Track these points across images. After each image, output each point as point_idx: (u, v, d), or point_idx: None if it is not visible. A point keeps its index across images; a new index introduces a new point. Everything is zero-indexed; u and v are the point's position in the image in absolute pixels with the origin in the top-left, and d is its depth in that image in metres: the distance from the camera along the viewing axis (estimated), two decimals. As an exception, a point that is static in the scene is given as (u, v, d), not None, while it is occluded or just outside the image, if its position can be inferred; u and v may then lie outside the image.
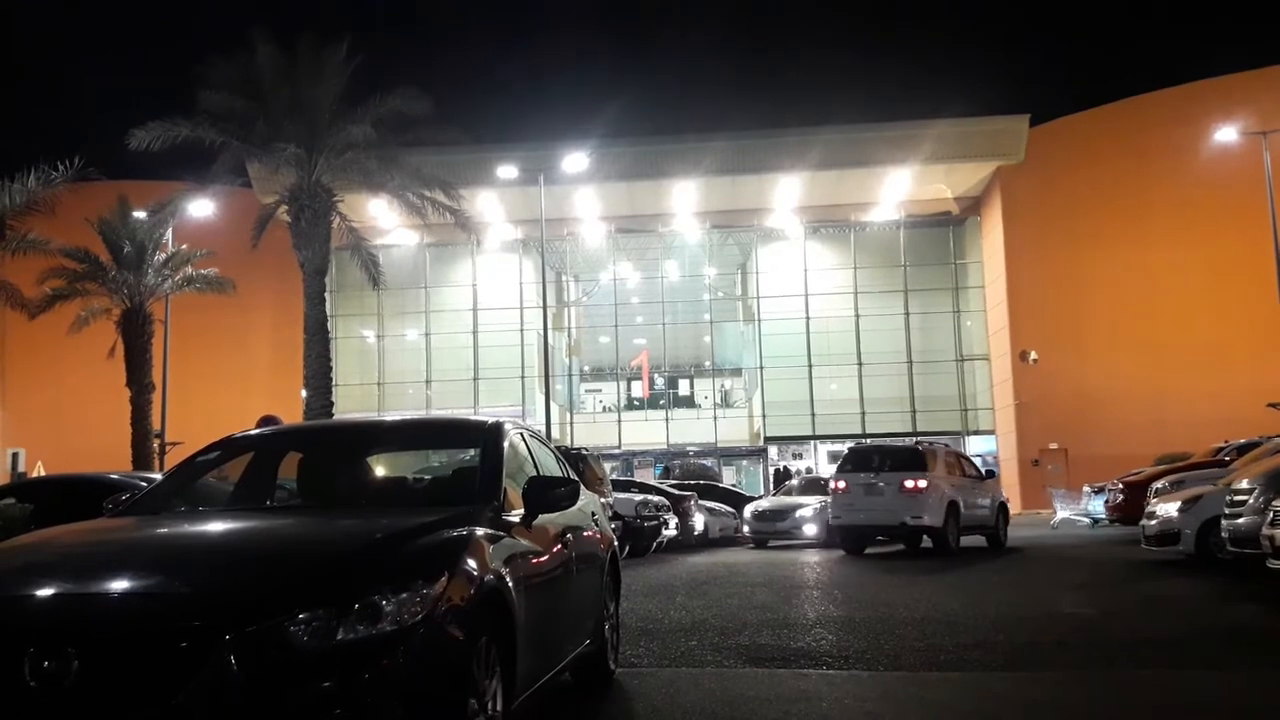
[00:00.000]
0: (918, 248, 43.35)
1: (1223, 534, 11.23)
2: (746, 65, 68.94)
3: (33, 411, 41.28)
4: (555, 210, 37.24)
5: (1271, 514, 9.53)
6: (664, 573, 14.22)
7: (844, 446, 43.90)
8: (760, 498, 22.20)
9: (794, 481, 23.18)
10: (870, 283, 43.20)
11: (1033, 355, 39.22)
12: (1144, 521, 12.40)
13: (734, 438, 43.94)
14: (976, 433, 42.39)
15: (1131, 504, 17.05)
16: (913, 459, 16.27)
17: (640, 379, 47.29)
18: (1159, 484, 15.96)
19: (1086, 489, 23.48)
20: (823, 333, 42.91)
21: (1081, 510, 23.59)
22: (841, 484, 16.41)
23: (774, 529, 19.13)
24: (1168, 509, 12.67)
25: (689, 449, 43.62)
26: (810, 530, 18.64)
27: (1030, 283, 39.62)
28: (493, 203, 41.30)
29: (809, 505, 19.01)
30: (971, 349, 43.36)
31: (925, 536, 16.16)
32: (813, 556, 16.38)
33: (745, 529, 19.70)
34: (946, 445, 17.51)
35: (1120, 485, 18.38)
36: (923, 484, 15.82)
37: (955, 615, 8.61)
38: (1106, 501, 18.95)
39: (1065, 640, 7.25)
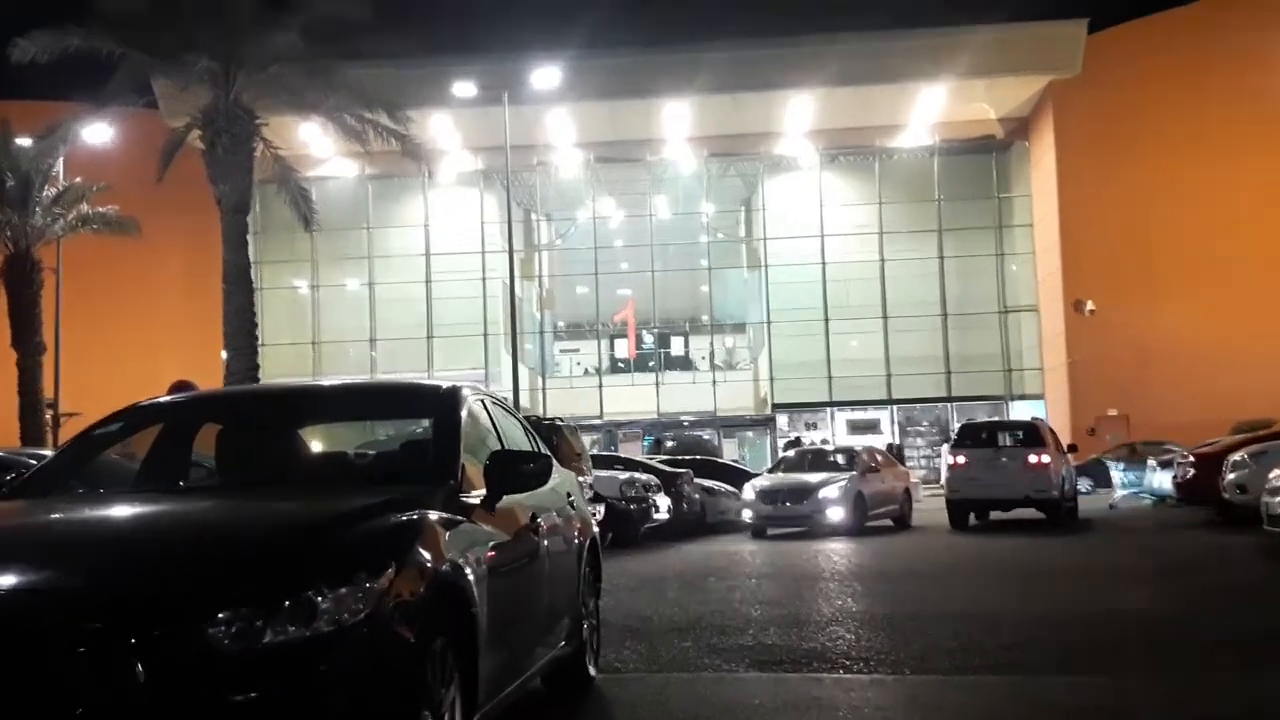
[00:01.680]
0: (954, 179, 43.31)
1: None
2: (751, -40, 68.30)
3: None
4: (523, 135, 36.95)
5: None
6: (654, 563, 14.30)
7: (867, 414, 44.93)
8: (761, 474, 22.25)
9: (791, 454, 23.23)
10: (898, 221, 43.20)
11: (1089, 306, 39.38)
12: (1266, 499, 12.34)
13: (736, 405, 44.13)
14: (1022, 397, 42.66)
15: (1204, 480, 17.19)
16: (1032, 434, 19.78)
17: (625, 336, 47.33)
18: (1236, 456, 16.11)
19: (1151, 462, 23.68)
20: (841, 280, 42.97)
21: (1145, 487, 23.84)
22: (961, 459, 19.63)
23: (787, 512, 19.19)
24: None
25: (683, 419, 43.79)
26: (836, 515, 18.72)
27: (1087, 220, 39.66)
28: (448, 126, 41.01)
29: (836, 482, 19.08)
30: (1017, 299, 43.52)
31: (1039, 508, 19.16)
32: (830, 544, 16.54)
33: (746, 513, 19.79)
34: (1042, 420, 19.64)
35: (1190, 458, 18.53)
36: (1045, 459, 19.00)
37: (997, 610, 8.71)
38: (1175, 477, 19.09)
39: (1126, 639, 7.34)
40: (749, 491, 19.78)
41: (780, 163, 44.26)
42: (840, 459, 21.45)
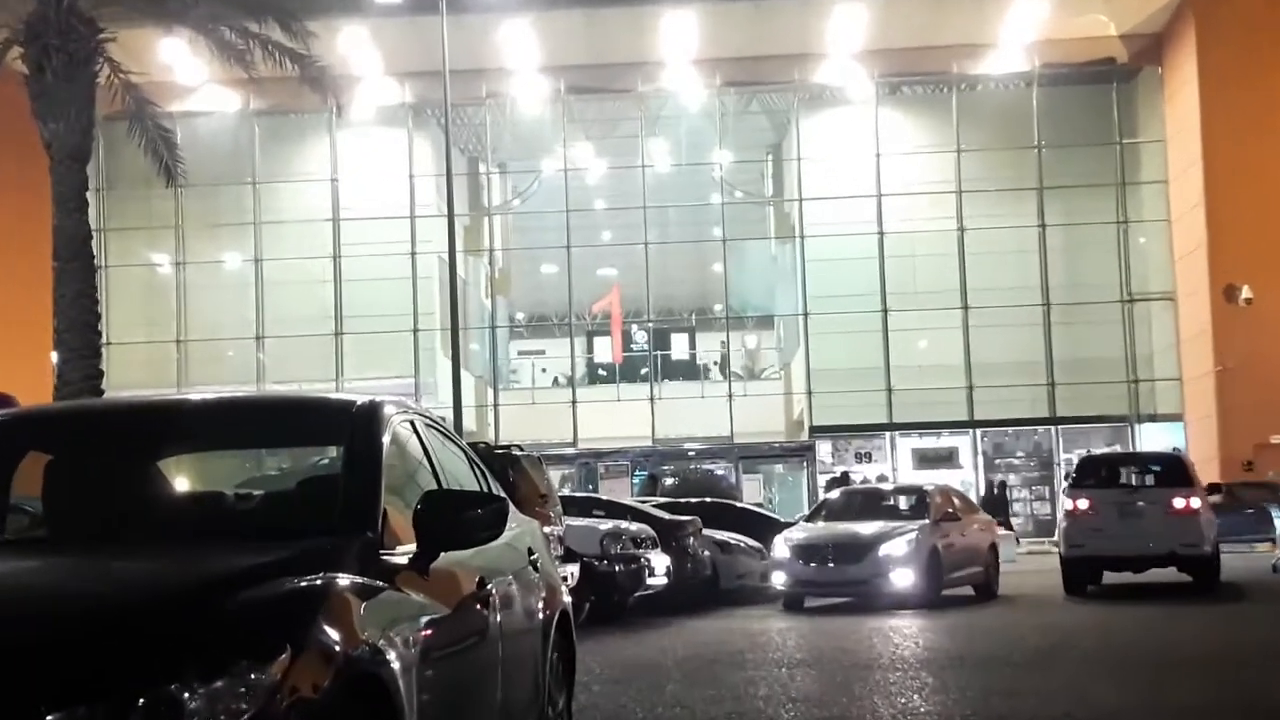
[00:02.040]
0: (1060, 118, 43.36)
1: None
2: None
3: None
4: (468, 57, 36.81)
5: None
6: (647, 646, 14.27)
7: (940, 441, 44.86)
8: (796, 523, 22.25)
9: (836, 496, 23.23)
10: (983, 176, 43.24)
11: (1245, 293, 39.36)
12: None
13: (761, 428, 44.13)
14: (1152, 418, 42.75)
15: None
16: (1176, 470, 20.53)
17: (608, 334, 47.29)
18: None
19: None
20: (905, 257, 42.99)
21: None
22: (1084, 503, 20.05)
23: (832, 576, 19.17)
24: None
25: (688, 447, 43.77)
26: (903, 580, 18.68)
27: (1243, 175, 39.66)
28: (364, 44, 40.97)
29: (902, 535, 19.08)
30: (1146, 283, 43.59)
31: (1185, 569, 19.78)
32: (891, 619, 16.55)
33: (776, 577, 19.77)
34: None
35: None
36: (1195, 503, 19.54)
37: (1115, 712, 8.69)
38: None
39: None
40: (780, 547, 19.79)
41: (822, 95, 44.23)
42: (903, 503, 21.42)
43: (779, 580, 19.63)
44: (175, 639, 3.43)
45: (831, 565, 19.11)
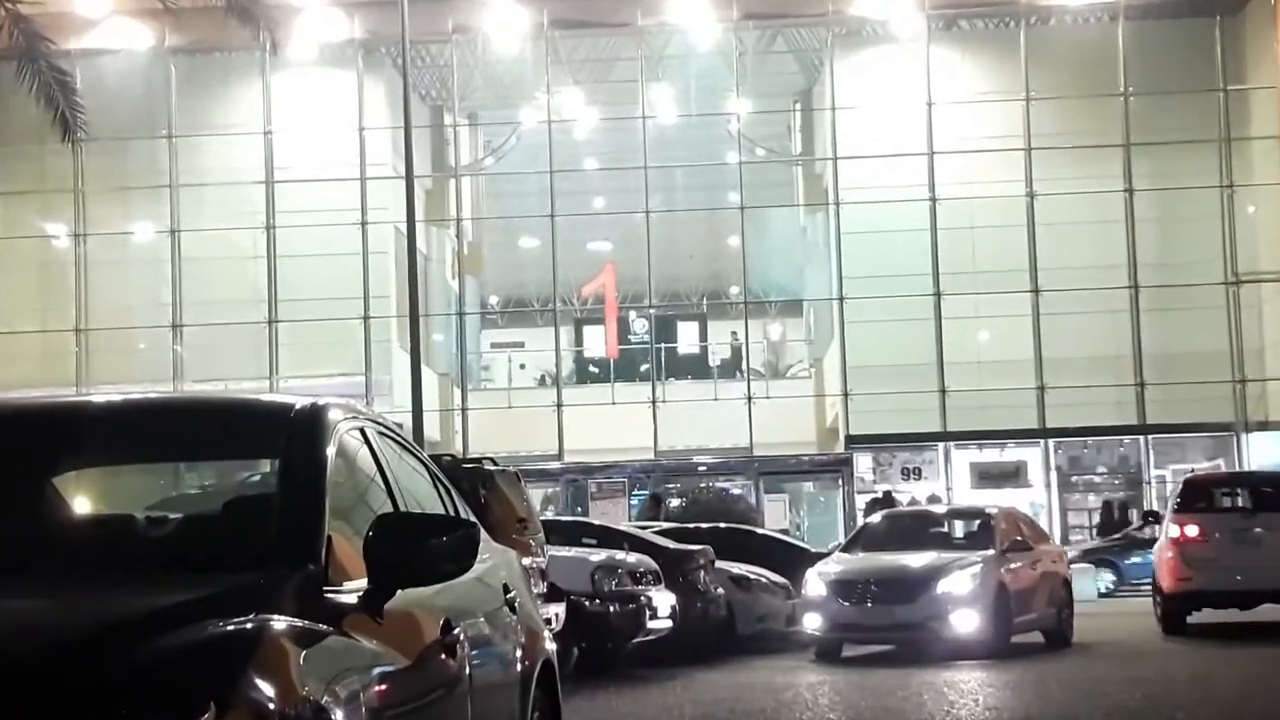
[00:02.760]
0: (1152, 61, 43.33)
1: None
2: None
3: None
4: (430, -17, 36.93)
5: None
6: (648, 704, 14.27)
7: (1004, 455, 44.75)
8: (831, 553, 22.25)
9: (878, 520, 23.26)
10: (1056, 129, 43.24)
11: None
12: None
13: (787, 437, 44.16)
14: (1264, 426, 42.69)
15: None
16: None
17: (601, 322, 47.26)
18: None
19: None
20: (962, 229, 43.00)
21: None
22: (1193, 529, 20.90)
23: (877, 619, 19.16)
24: None
25: (697, 460, 43.80)
26: (965, 624, 18.66)
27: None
28: (305, -32, 41.00)
29: (963, 569, 19.07)
30: (1255, 261, 43.56)
31: None
32: (948, 671, 16.51)
33: (808, 620, 19.75)
34: None
35: None
36: None
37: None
38: None
39: None
40: (813, 583, 19.79)
41: (861, 30, 44.26)
42: (960, 529, 21.43)
43: (810, 624, 19.61)
44: (76, 694, 3.42)
45: (875, 605, 19.10)
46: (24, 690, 3.44)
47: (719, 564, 20.87)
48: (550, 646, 6.64)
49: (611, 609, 17.49)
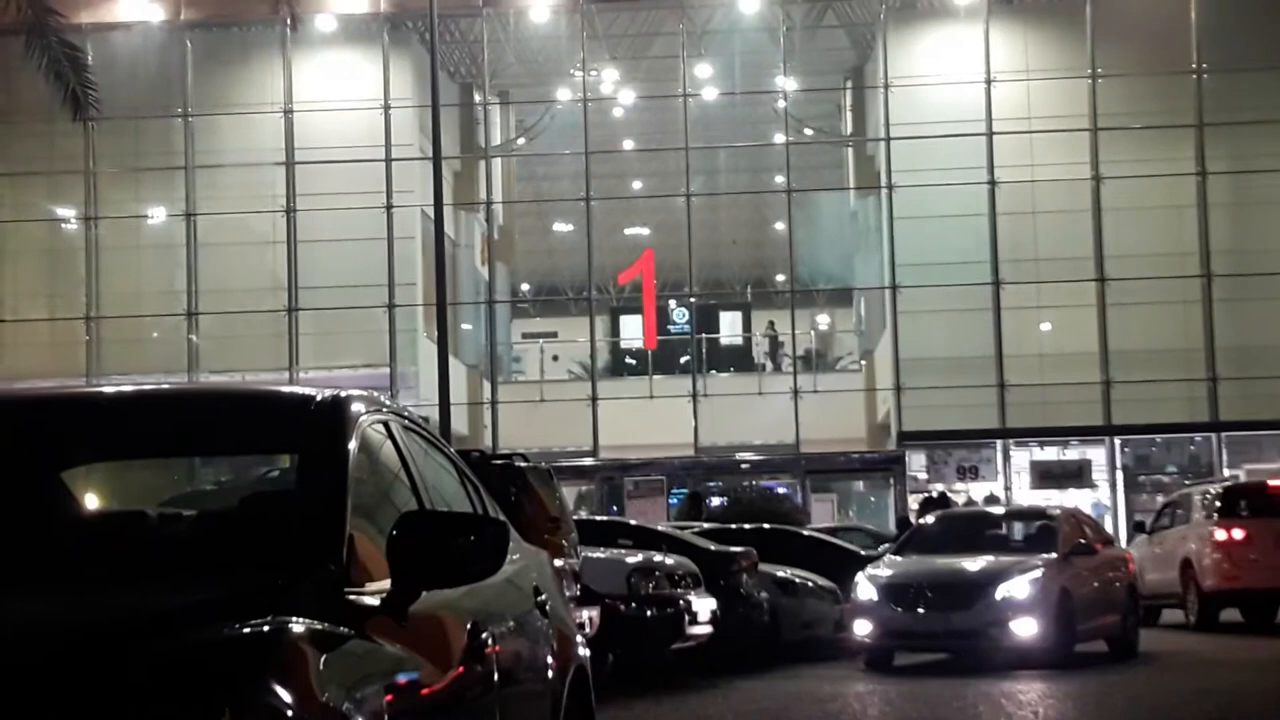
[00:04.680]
0: (1227, 35, 43.10)
1: None
2: None
3: None
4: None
5: None
6: (687, 713, 14.26)
7: (1067, 453, 44.50)
8: (882, 556, 22.23)
9: (932, 522, 23.25)
10: (1125, 108, 43.12)
11: None
12: None
13: (835, 434, 44.14)
14: (1346, 427, 42.53)
15: None
16: None
17: (639, 312, 47.27)
18: None
19: None
20: (1023, 214, 42.89)
21: None
22: (1239, 532, 22.61)
23: (931, 625, 19.13)
24: None
25: (740, 457, 43.81)
26: (1026, 630, 18.64)
27: None
28: (327, -63, 41.13)
29: (1024, 573, 19.04)
30: (1339, 247, 43.35)
31: None
32: (1007, 682, 16.51)
33: (858, 626, 19.73)
34: None
35: None
36: None
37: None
38: None
39: None
40: (863, 587, 19.75)
41: (916, 3, 44.32)
42: (1019, 531, 21.37)
43: (860, 630, 19.55)
44: (81, 701, 3.44)
45: (929, 611, 19.03)
46: (32, 694, 3.47)
47: (762, 567, 20.88)
48: (583, 653, 6.63)
49: (648, 613, 17.46)
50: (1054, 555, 19.60)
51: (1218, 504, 25.40)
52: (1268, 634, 23.48)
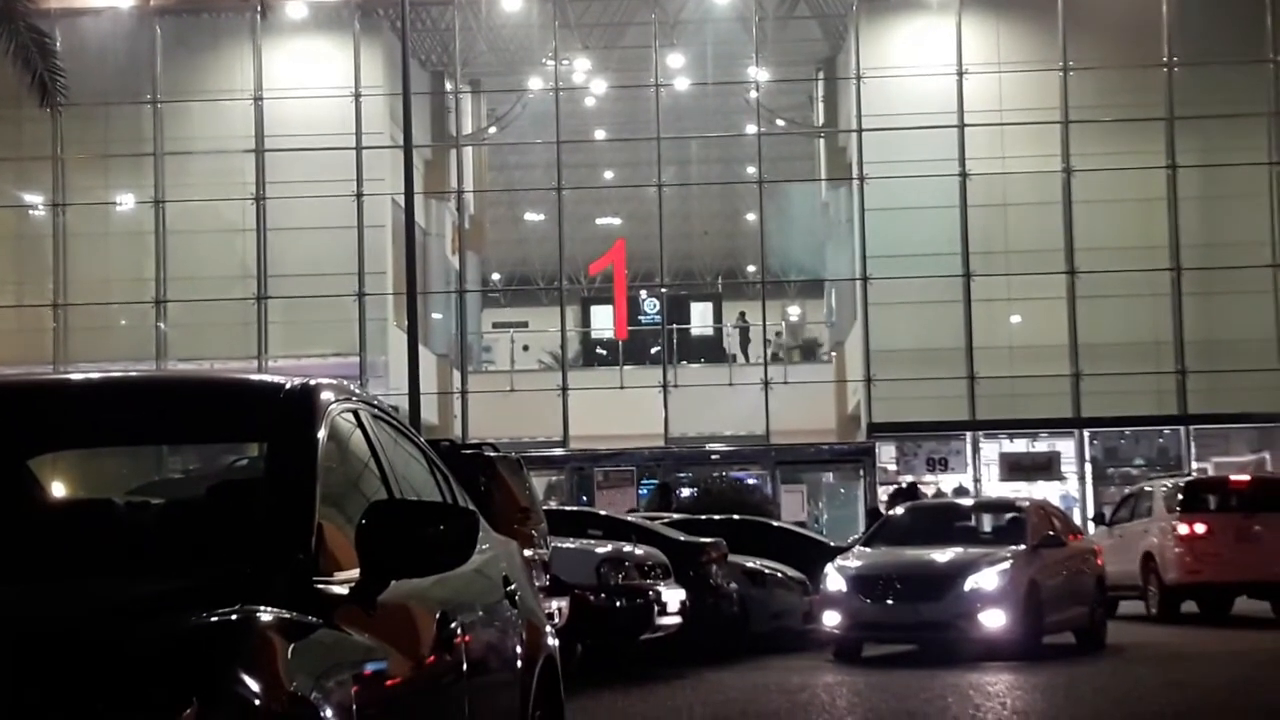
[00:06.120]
0: (1197, 29, 43.10)
1: None
2: None
3: None
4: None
5: None
6: (655, 704, 14.27)
7: (1036, 445, 44.55)
8: (851, 547, 22.26)
9: (902, 513, 23.30)
10: (1095, 102, 43.15)
11: None
12: None
13: (806, 425, 44.18)
14: (1312, 417, 42.65)
15: None
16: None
17: (610, 302, 47.24)
18: None
19: None
20: (994, 206, 42.92)
21: None
22: (1200, 526, 24.15)
23: (899, 616, 19.16)
24: None
25: (710, 448, 43.82)
26: (994, 621, 18.68)
27: None
28: (298, -77, 40.98)
29: (992, 564, 19.08)
30: (1308, 242, 43.45)
31: None
32: (975, 674, 16.55)
33: (827, 617, 19.75)
34: None
35: None
36: None
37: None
38: None
39: None
40: (832, 578, 19.78)
41: (887, -3, 44.24)
42: (988, 522, 21.41)
43: (829, 621, 19.58)
44: (47, 691, 3.43)
45: (898, 603, 19.07)
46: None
47: (732, 558, 20.87)
48: (553, 642, 6.63)
49: (618, 604, 17.48)
50: (1023, 547, 19.64)
51: (1180, 498, 26.06)
52: (1226, 626, 24.15)
